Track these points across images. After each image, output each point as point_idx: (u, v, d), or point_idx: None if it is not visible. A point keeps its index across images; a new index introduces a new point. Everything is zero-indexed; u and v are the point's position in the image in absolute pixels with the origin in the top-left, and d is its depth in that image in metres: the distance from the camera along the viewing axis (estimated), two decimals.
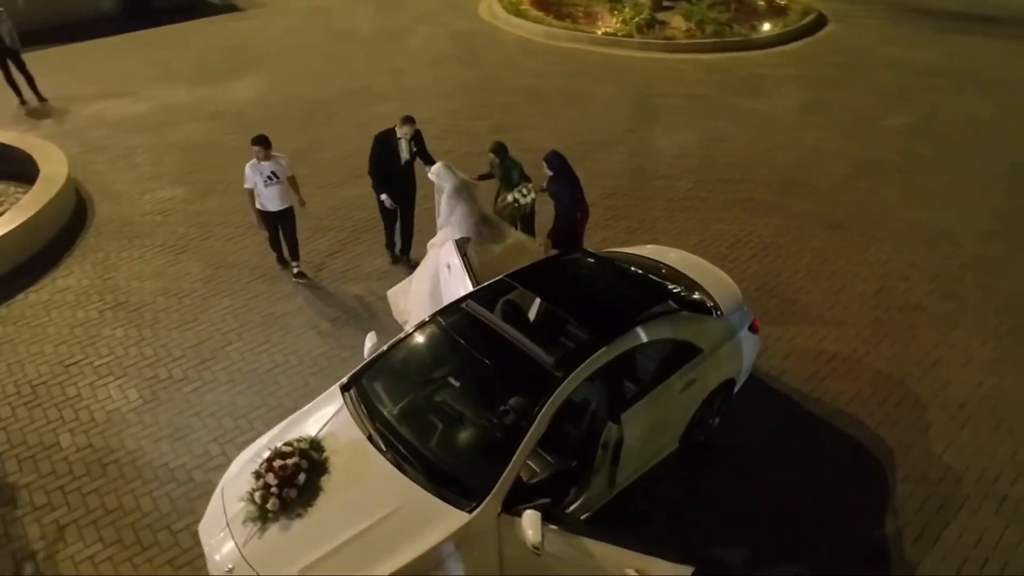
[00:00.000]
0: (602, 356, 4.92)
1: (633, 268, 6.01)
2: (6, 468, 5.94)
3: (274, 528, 4.44)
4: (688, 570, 4.09)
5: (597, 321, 5.19)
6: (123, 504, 5.66)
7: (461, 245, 6.60)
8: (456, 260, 6.38)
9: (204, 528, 4.70)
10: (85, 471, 5.92)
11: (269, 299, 7.80)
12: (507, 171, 7.72)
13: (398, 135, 7.79)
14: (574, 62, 14.12)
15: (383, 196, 7.96)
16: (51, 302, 7.76)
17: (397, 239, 8.39)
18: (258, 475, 4.59)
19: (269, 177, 7.61)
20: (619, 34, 14.98)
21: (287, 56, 14.19)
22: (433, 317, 5.41)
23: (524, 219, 7.74)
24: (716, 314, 5.77)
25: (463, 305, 5.41)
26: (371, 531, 4.33)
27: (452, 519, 4.37)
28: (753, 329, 6.05)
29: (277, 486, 4.51)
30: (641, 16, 15.33)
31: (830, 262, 8.31)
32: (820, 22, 15.83)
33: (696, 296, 5.83)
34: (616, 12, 15.73)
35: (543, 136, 11.11)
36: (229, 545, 4.44)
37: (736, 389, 6.10)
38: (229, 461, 5.88)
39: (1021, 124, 11.50)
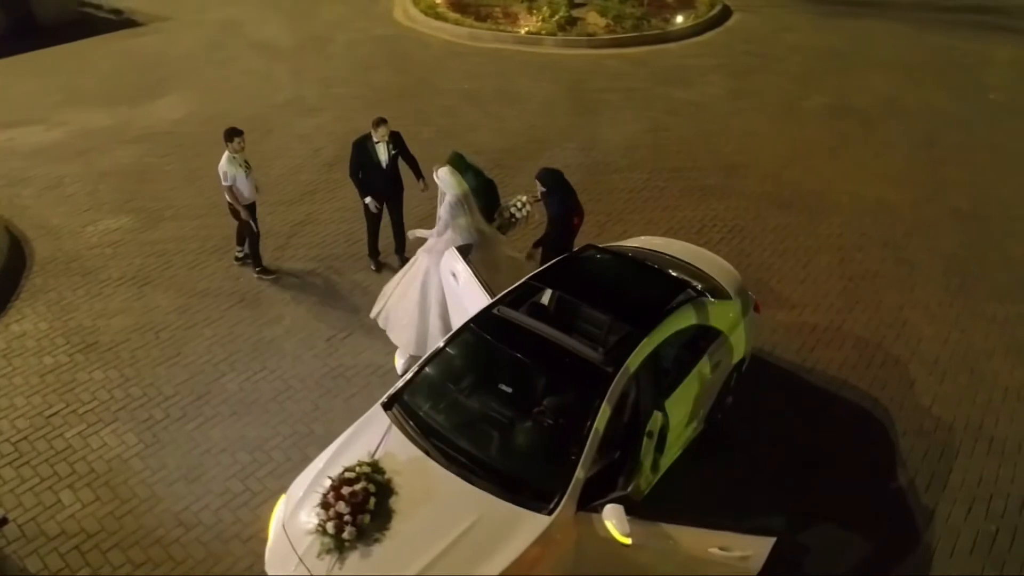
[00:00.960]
0: (645, 347, 5.08)
1: (646, 260, 6.20)
2: (6, 536, 5.47)
3: (354, 557, 4.34)
4: (770, 541, 4.31)
5: (632, 313, 5.34)
6: (151, 556, 5.35)
7: (464, 252, 6.59)
8: (461, 267, 6.37)
9: (272, 567, 4.52)
10: (99, 527, 5.54)
11: (254, 324, 7.50)
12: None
13: (374, 138, 7.68)
14: (503, 62, 14.22)
15: (367, 200, 7.86)
16: (9, 350, 7.16)
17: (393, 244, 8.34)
18: (326, 505, 4.46)
19: (247, 168, 7.70)
20: (543, 32, 15.20)
21: (206, 71, 13.56)
22: (466, 326, 5.40)
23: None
24: (727, 298, 6.05)
25: (495, 311, 5.43)
26: (455, 547, 4.31)
27: (534, 523, 4.41)
28: (756, 310, 6.37)
29: (350, 514, 4.40)
30: (560, 15, 15.61)
31: (791, 239, 8.83)
32: (726, 13, 16.61)
33: (708, 282, 6.09)
34: (535, 11, 15.95)
35: (490, 137, 11.20)
36: None
37: (744, 367, 6.41)
38: (254, 497, 5.75)
39: (922, 99, 12.52)
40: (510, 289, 5.65)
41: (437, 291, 6.75)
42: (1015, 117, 11.89)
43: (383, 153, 7.76)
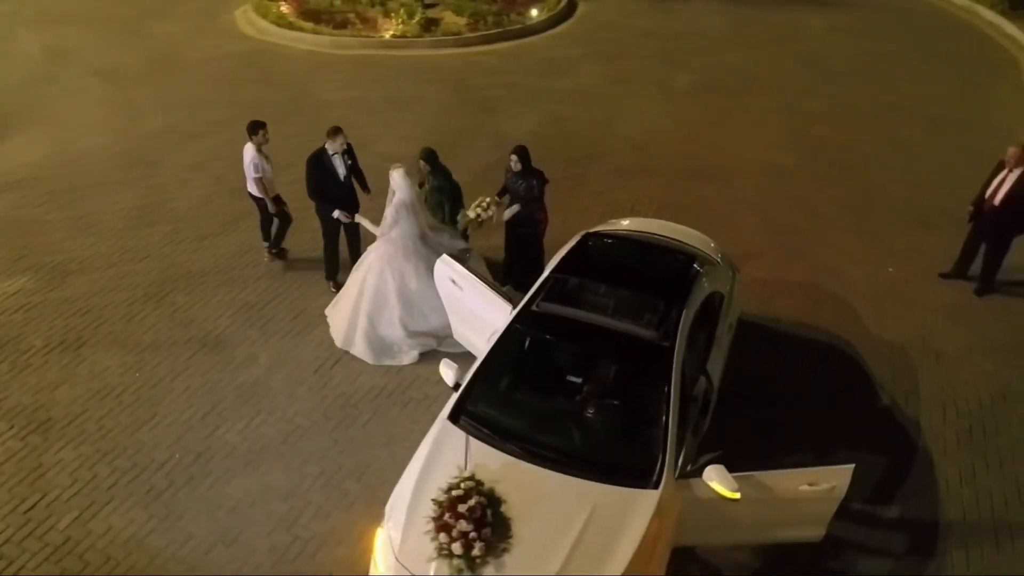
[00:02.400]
0: (687, 318, 5.40)
1: (644, 238, 6.51)
2: None
3: (488, 571, 4.29)
4: (850, 468, 4.78)
5: (659, 289, 5.64)
6: None
7: (460, 258, 6.59)
8: (462, 272, 6.37)
9: None
10: None
11: (227, 369, 6.98)
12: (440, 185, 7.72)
13: (330, 151, 7.37)
14: (377, 68, 13.97)
15: (336, 212, 7.53)
16: None
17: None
18: (446, 527, 4.37)
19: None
20: (409, 35, 15.10)
21: (51, 106, 12.09)
22: (512, 327, 5.43)
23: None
24: (717, 264, 6.52)
25: (534, 308, 5.50)
26: (583, 539, 4.39)
27: (646, 500, 4.59)
28: (737, 272, 6.93)
29: (475, 530, 4.34)
30: (418, 17, 15.58)
31: (713, 206, 9.53)
32: (572, 4, 17.33)
33: (701, 252, 6.52)
34: (394, 15, 15.78)
35: (396, 145, 11.00)
36: None
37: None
38: (307, 544, 5.51)
39: (773, 69, 13.89)
40: (538, 285, 5.73)
41: (373, 290, 6.91)
42: (854, 77, 13.50)
43: (340, 165, 7.47)
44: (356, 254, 7.96)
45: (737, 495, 4.55)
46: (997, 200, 7.41)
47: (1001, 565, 5.33)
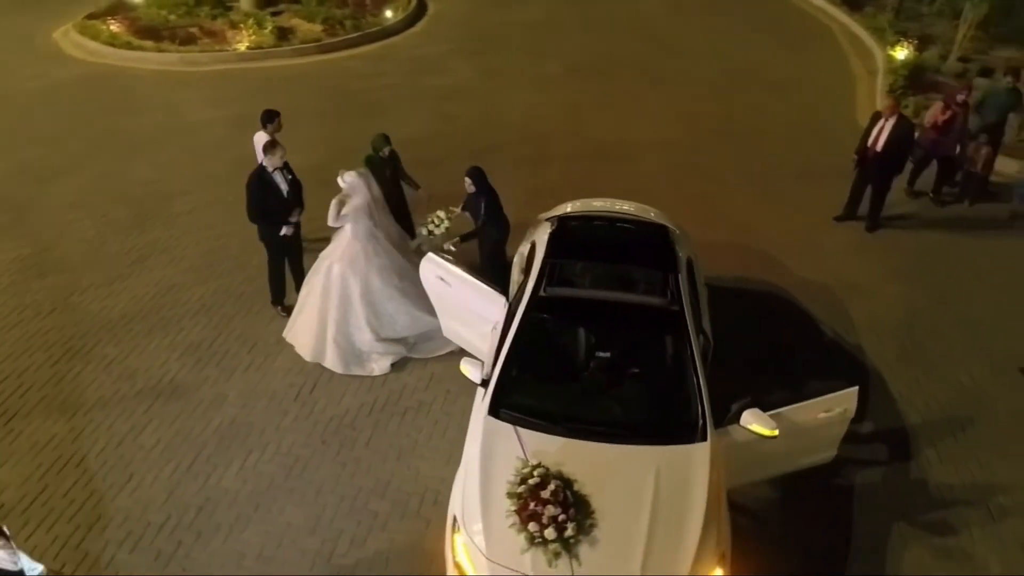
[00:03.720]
0: (682, 282, 5.77)
1: (611, 215, 6.78)
2: None
3: (584, 549, 4.39)
4: (855, 391, 5.35)
5: (650, 259, 5.97)
6: None
7: (446, 256, 6.57)
8: (451, 269, 6.39)
9: None
10: None
11: (197, 413, 6.47)
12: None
13: (269, 167, 7.00)
14: (242, 82, 13.24)
15: (284, 229, 7.16)
16: None
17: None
18: (534, 516, 4.40)
19: None
20: (265, 46, 14.41)
21: None
22: (527, 315, 5.50)
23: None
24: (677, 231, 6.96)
25: (543, 293, 5.61)
26: (660, 500, 4.60)
27: (700, 452, 4.88)
28: None
29: (563, 512, 4.42)
30: (270, 26, 14.92)
31: (623, 182, 9.93)
32: (423, 3, 17.33)
33: (664, 221, 6.91)
34: (242, 25, 14.97)
35: (292, 157, 10.49)
36: None
37: None
38: (354, 571, 5.24)
39: (632, 52, 14.70)
40: (538, 272, 5.83)
41: (338, 296, 6.77)
42: (699, 52, 14.66)
43: (282, 181, 7.10)
44: (300, 274, 7.63)
45: (776, 432, 4.97)
46: (879, 146, 8.47)
47: (962, 453, 6.18)
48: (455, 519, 4.71)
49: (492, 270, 7.56)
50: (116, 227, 9.00)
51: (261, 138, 7.73)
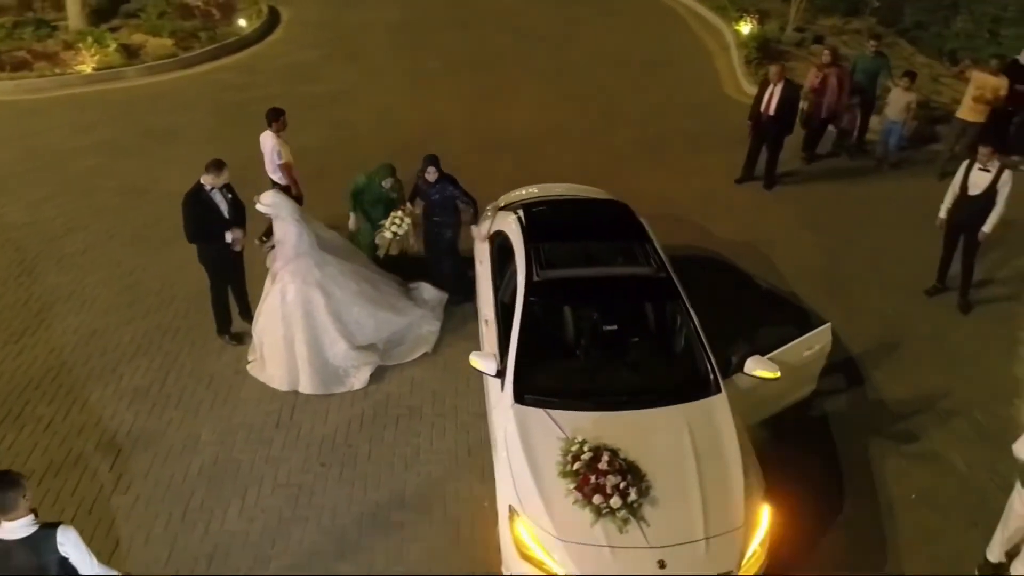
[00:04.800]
0: (659, 250, 6.08)
1: (571, 197, 6.96)
2: None
3: (647, 510, 4.56)
4: (828, 326, 5.90)
5: (620, 233, 6.25)
6: None
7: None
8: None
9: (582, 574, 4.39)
10: None
11: (172, 459, 5.97)
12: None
13: (208, 186, 6.55)
14: (99, 105, 12.13)
15: (229, 236, 6.71)
16: None
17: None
18: (597, 488, 4.52)
19: None
20: (115, 65, 13.24)
21: None
22: (527, 301, 5.56)
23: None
24: None
25: (536, 277, 5.70)
26: (700, 452, 4.86)
27: (719, 403, 5.20)
28: None
29: (622, 480, 4.56)
30: (113, 44, 13.74)
31: (534, 167, 10.04)
32: (274, 10, 16.59)
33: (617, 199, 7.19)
34: (81, 45, 13.64)
35: (187, 179, 9.72)
36: (640, 555, 4.39)
37: None
38: None
39: (502, 45, 14.92)
40: (524, 259, 5.89)
41: (302, 316, 6.52)
42: (565, 40, 15.14)
43: (222, 201, 6.64)
44: (244, 299, 7.20)
45: (778, 374, 5.38)
46: (771, 110, 9.26)
47: (903, 371, 6.95)
48: (511, 508, 4.71)
49: (446, 266, 7.55)
50: (8, 275, 8.01)
51: (268, 138, 7.66)
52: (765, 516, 4.72)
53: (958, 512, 5.63)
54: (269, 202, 6.52)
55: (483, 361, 5.36)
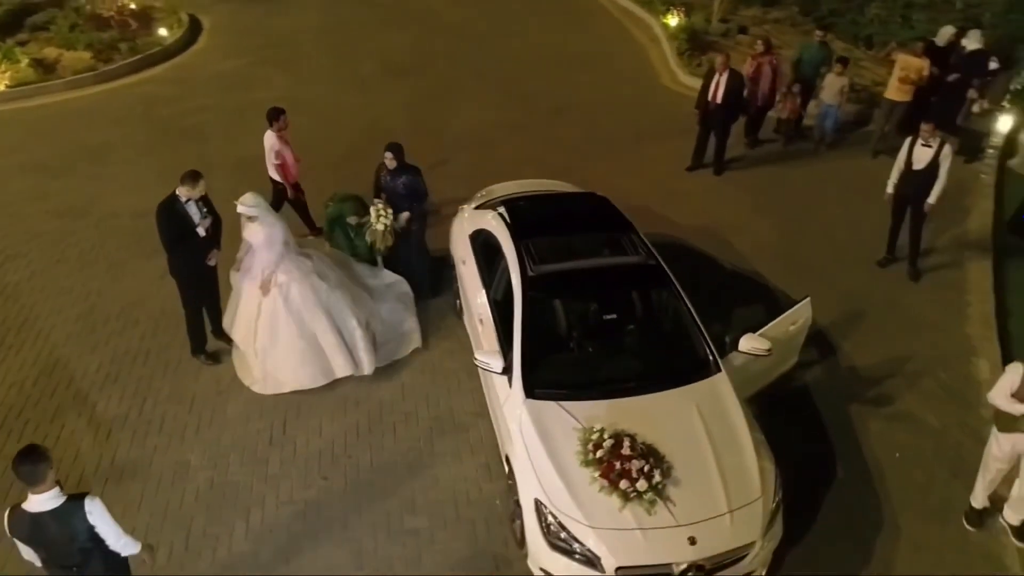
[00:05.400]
0: (643, 238, 6.23)
1: (546, 192, 7.02)
2: None
3: (671, 490, 4.68)
4: (807, 300, 6.17)
5: (608, 225, 6.35)
6: None
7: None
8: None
9: (632, 559, 4.48)
10: None
11: (166, 486, 5.74)
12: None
13: (183, 197, 6.29)
14: (19, 125, 11.49)
15: (210, 260, 6.54)
16: None
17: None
18: (624, 473, 4.61)
19: None
20: (30, 82, 12.50)
21: None
22: (524, 294, 5.59)
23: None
24: None
25: (530, 272, 5.74)
26: (711, 430, 5.02)
27: (721, 381, 5.39)
28: None
29: (645, 463, 4.66)
30: (25, 59, 12.97)
31: (489, 166, 10.10)
32: (193, 18, 15.97)
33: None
34: None
35: (125, 196, 9.51)
36: (671, 534, 4.50)
37: None
38: None
39: (434, 46, 14.80)
40: (516, 256, 5.91)
41: (316, 307, 6.47)
42: (491, 38, 15.17)
43: (196, 214, 6.37)
44: (218, 316, 6.95)
45: (771, 349, 5.61)
46: (718, 98, 9.58)
47: (868, 338, 7.32)
48: (538, 502, 4.74)
49: (414, 262, 7.49)
50: None
51: (270, 138, 7.64)
52: (779, 485, 4.92)
53: (939, 466, 6.00)
54: (252, 203, 6.33)
55: (488, 359, 5.37)
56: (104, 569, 3.99)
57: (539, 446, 4.90)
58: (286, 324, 6.40)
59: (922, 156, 7.64)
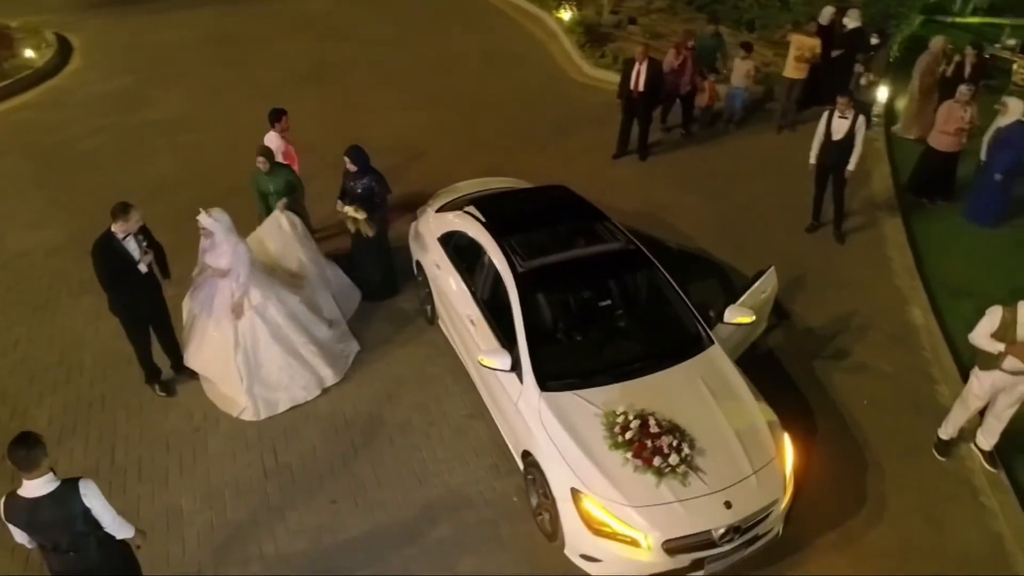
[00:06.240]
0: (618, 225, 6.42)
1: (511, 189, 7.06)
2: None
3: (699, 461, 4.87)
4: (772, 268, 6.57)
5: (573, 214, 6.54)
6: None
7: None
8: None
9: (675, 531, 4.61)
10: None
11: (160, 540, 5.35)
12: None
13: (120, 234, 5.85)
14: None
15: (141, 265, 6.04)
16: None
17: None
18: (656, 451, 4.76)
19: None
20: None
21: None
22: (519, 291, 5.63)
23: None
24: None
25: (520, 269, 5.78)
26: (719, 399, 5.29)
27: (717, 353, 5.68)
28: None
29: (673, 438, 4.83)
30: None
31: (427, 168, 10.13)
32: (61, 36, 14.74)
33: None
34: None
35: (27, 233, 8.82)
36: (707, 501, 4.69)
37: None
38: None
39: (332, 53, 14.40)
40: (501, 254, 5.93)
41: (288, 323, 6.38)
42: (389, 44, 14.98)
43: (136, 249, 5.93)
44: (173, 345, 6.55)
45: (754, 317, 5.94)
46: (640, 87, 9.93)
47: (813, 300, 7.88)
48: (574, 491, 4.81)
49: (380, 258, 7.36)
50: None
51: (272, 138, 7.45)
52: (787, 443, 5.23)
53: (902, 407, 6.56)
54: (220, 218, 6.07)
55: (496, 358, 5.37)
56: (100, 554, 4.09)
57: (565, 436, 4.97)
58: (268, 345, 6.16)
59: (840, 127, 8.27)
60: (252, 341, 6.17)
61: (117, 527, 4.09)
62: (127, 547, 4.32)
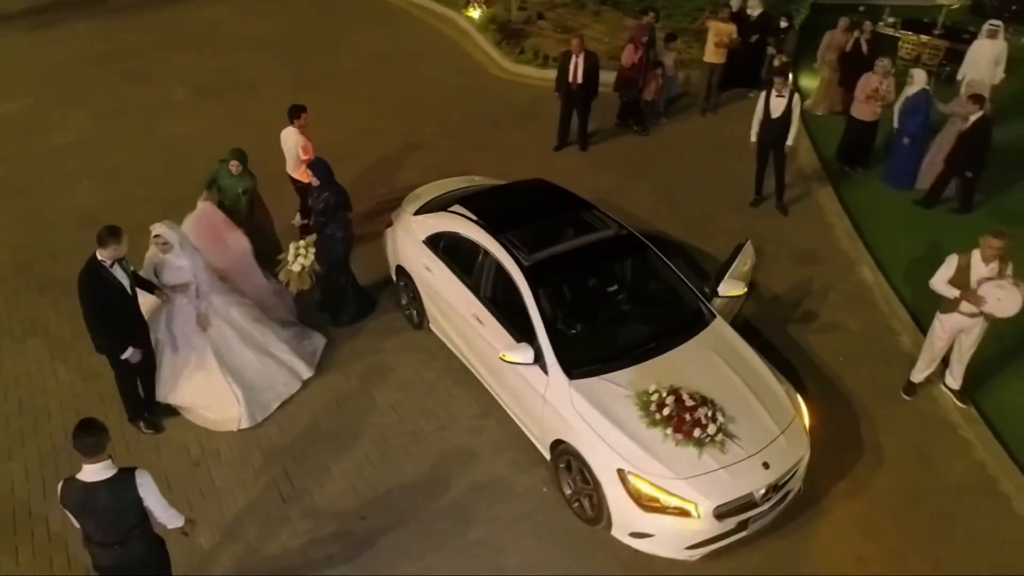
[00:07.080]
0: (606, 212, 6.57)
1: (491, 186, 7.07)
2: None
3: (733, 428, 5.09)
4: (748, 241, 6.91)
5: (567, 204, 6.64)
6: None
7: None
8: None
9: (725, 496, 4.81)
10: None
11: None
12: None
13: (107, 261, 5.47)
14: None
15: (127, 353, 5.67)
16: None
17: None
18: (696, 423, 4.94)
19: None
20: None
21: None
22: (529, 284, 5.66)
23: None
24: None
25: (526, 263, 5.81)
26: (735, 367, 5.56)
27: (721, 326, 5.95)
28: None
29: (709, 409, 5.02)
30: None
31: (378, 173, 9.99)
32: None
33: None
34: None
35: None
36: (748, 464, 4.91)
37: None
38: None
39: (256, 62, 13.86)
40: (504, 250, 5.94)
41: (255, 324, 6.37)
42: (307, 49, 14.47)
43: (123, 276, 5.56)
44: (152, 391, 6.16)
45: (745, 289, 6.26)
46: (579, 79, 10.13)
47: (774, 270, 8.33)
48: (621, 472, 4.91)
49: (347, 274, 7.19)
50: None
51: (291, 134, 7.54)
52: (802, 402, 5.55)
53: (874, 359, 7.07)
54: (174, 227, 5.93)
55: (520, 352, 5.40)
56: (144, 550, 4.16)
57: (603, 420, 5.06)
58: (242, 350, 6.10)
59: (778, 106, 8.77)
60: (227, 348, 6.09)
61: (169, 516, 4.19)
62: (164, 547, 4.40)
